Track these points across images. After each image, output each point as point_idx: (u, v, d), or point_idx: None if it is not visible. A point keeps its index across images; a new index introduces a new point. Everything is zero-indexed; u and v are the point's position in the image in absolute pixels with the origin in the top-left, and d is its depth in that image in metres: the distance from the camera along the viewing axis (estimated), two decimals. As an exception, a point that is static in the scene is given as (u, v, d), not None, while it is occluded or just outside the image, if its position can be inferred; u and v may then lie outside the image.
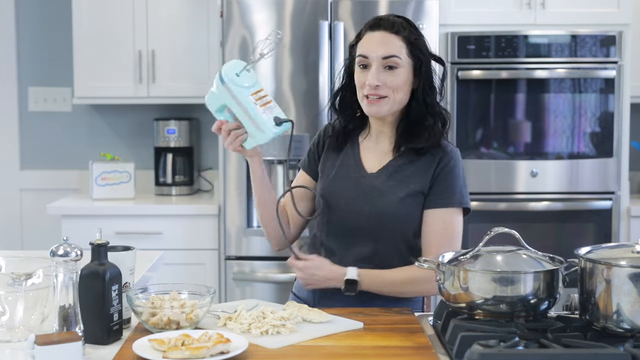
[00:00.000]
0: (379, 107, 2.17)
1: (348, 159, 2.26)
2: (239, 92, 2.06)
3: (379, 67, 2.14)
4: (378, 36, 2.16)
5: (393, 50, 2.15)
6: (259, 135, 2.08)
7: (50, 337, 1.62)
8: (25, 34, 4.59)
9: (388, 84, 2.14)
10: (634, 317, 1.70)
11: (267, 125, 2.06)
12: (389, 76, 2.15)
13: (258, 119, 2.06)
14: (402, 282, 2.16)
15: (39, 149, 4.64)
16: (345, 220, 2.20)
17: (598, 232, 4.00)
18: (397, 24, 2.17)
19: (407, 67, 2.16)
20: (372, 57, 2.15)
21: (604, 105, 3.98)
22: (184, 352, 1.62)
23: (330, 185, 2.25)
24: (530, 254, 1.90)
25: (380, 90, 2.15)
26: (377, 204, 2.17)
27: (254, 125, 2.07)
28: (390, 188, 2.18)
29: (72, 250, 1.71)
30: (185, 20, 4.26)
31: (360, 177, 2.22)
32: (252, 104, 2.06)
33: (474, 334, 1.68)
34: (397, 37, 2.16)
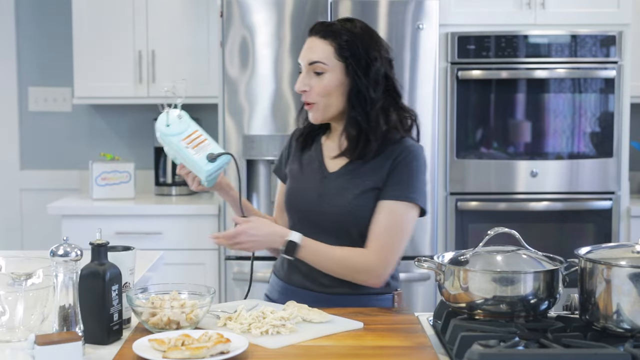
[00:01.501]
0: (313, 114, 2.22)
1: (312, 160, 2.29)
2: (171, 141, 2.18)
3: (309, 73, 2.19)
4: (308, 42, 2.21)
5: (317, 56, 2.17)
6: (200, 174, 2.18)
7: (50, 337, 1.62)
8: (25, 34, 4.59)
9: (315, 90, 2.18)
10: (634, 317, 1.70)
11: (200, 164, 2.16)
12: (316, 81, 2.18)
13: (191, 161, 2.17)
14: (339, 261, 2.13)
15: (39, 149, 4.64)
16: (309, 221, 2.22)
17: (598, 232, 4.00)
18: (329, 27, 2.18)
19: (337, 71, 2.17)
20: (302, 63, 2.21)
21: (604, 105, 3.98)
22: (184, 352, 1.62)
23: (295, 187, 2.28)
24: (530, 254, 1.90)
25: (308, 96, 2.19)
26: (335, 203, 2.18)
27: (192, 166, 2.18)
28: (347, 186, 2.19)
29: (72, 250, 1.71)
30: (185, 20, 4.26)
31: (323, 178, 2.24)
32: (184, 149, 2.17)
33: (474, 334, 1.68)
34: (324, 42, 2.17)
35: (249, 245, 2.12)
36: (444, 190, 3.97)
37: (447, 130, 3.96)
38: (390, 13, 3.81)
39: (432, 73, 3.83)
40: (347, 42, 2.17)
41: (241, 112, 3.84)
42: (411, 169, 2.17)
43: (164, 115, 2.18)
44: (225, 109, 3.84)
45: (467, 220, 3.97)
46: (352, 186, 2.18)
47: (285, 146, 2.39)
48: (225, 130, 3.85)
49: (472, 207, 3.97)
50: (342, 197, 2.18)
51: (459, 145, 3.98)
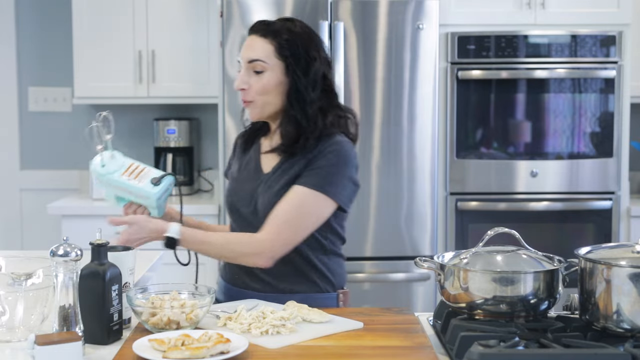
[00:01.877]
0: (251, 111, 2.23)
1: (250, 160, 2.30)
2: (111, 180, 2.16)
3: (248, 71, 2.19)
4: (248, 40, 2.22)
5: (257, 54, 2.18)
6: (149, 202, 2.16)
7: (50, 337, 1.62)
8: (25, 34, 4.59)
9: (253, 88, 2.18)
10: (634, 317, 1.70)
11: (146, 190, 2.14)
12: (255, 79, 2.18)
13: (137, 191, 2.15)
14: (224, 246, 2.14)
15: (39, 149, 4.64)
16: (246, 221, 2.22)
17: (598, 232, 4.00)
18: (269, 26, 2.19)
19: (277, 70, 2.18)
20: (242, 61, 2.21)
21: (604, 105, 3.98)
22: (184, 352, 1.62)
23: (233, 189, 2.30)
24: (530, 254, 1.90)
25: (247, 94, 2.19)
26: (264, 201, 2.19)
27: (139, 197, 2.16)
28: (275, 184, 2.19)
29: (72, 250, 1.71)
30: (185, 20, 4.26)
31: (258, 179, 2.24)
32: (126, 182, 2.15)
33: (474, 334, 1.68)
34: (265, 41, 2.18)
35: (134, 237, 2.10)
36: (444, 190, 3.97)
37: (447, 130, 3.96)
38: (390, 13, 3.81)
39: (432, 73, 3.83)
40: (287, 41, 2.18)
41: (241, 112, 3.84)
42: (329, 161, 2.14)
43: (98, 158, 2.17)
44: (225, 109, 3.84)
45: (467, 220, 3.96)
46: (280, 183, 2.18)
47: (232, 150, 2.41)
48: (225, 130, 3.85)
49: (472, 207, 3.97)
50: (269, 194, 2.18)
51: (459, 145, 3.98)
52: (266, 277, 2.20)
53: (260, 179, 2.23)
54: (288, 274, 2.20)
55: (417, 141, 3.84)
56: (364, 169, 3.82)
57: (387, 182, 3.82)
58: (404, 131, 3.84)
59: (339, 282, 2.27)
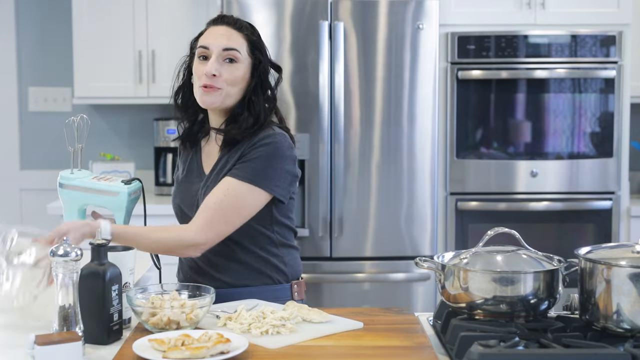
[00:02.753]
0: (213, 97, 2.18)
1: (192, 165, 2.29)
2: (81, 182, 2.16)
3: (219, 58, 2.17)
4: (221, 30, 2.20)
5: (234, 44, 2.18)
6: (119, 201, 2.13)
7: (50, 337, 1.62)
8: (25, 34, 4.59)
9: (225, 76, 2.17)
10: (634, 317, 1.70)
11: (117, 187, 2.13)
12: (227, 69, 2.17)
13: (107, 188, 2.14)
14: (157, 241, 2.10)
15: (39, 149, 4.64)
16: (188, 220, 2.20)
17: (598, 232, 4.00)
18: (240, 22, 2.23)
19: (246, 65, 2.20)
20: (212, 48, 2.17)
21: (604, 105, 3.98)
22: (184, 352, 1.62)
23: (177, 194, 2.30)
24: (530, 254, 1.90)
25: (216, 81, 2.16)
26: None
27: (108, 195, 2.14)
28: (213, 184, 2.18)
29: (72, 250, 1.72)
30: (185, 20, 4.26)
31: (200, 181, 2.24)
32: (97, 183, 2.15)
33: (474, 334, 1.68)
34: (239, 34, 2.20)
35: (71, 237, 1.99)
36: (444, 190, 3.97)
37: (447, 130, 3.96)
38: (390, 13, 3.81)
39: (432, 73, 3.83)
40: (258, 42, 2.23)
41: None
42: (260, 153, 2.15)
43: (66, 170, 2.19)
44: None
45: (467, 220, 3.96)
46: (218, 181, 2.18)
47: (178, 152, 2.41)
48: (225, 130, 3.84)
49: (472, 207, 3.97)
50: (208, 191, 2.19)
51: (459, 145, 3.98)
52: (220, 275, 2.20)
53: (202, 180, 2.24)
54: (241, 271, 2.20)
55: (417, 141, 3.84)
56: (364, 169, 3.83)
57: (387, 182, 3.82)
58: (404, 131, 3.84)
59: (293, 274, 2.26)
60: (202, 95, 2.19)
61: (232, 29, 2.20)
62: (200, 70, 2.18)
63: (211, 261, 2.20)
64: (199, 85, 2.19)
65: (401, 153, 3.83)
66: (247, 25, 2.24)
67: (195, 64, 2.22)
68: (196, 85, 2.21)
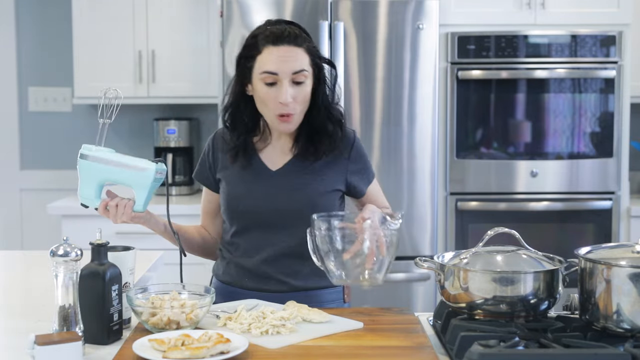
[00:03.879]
0: (291, 124, 2.15)
1: (247, 162, 2.22)
2: (106, 155, 2.08)
3: (290, 83, 2.10)
4: (285, 51, 2.10)
5: (301, 65, 2.11)
6: (143, 177, 2.05)
7: (50, 337, 1.62)
8: (25, 34, 4.59)
9: (297, 100, 2.12)
10: (634, 317, 1.70)
11: (144, 163, 2.05)
12: (298, 91, 2.12)
13: (134, 162, 2.05)
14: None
15: (39, 149, 4.64)
16: (259, 222, 2.18)
17: (598, 232, 4.00)
18: (297, 34, 2.13)
19: (310, 77, 2.15)
20: (281, 75, 2.09)
21: (604, 105, 3.98)
22: (184, 352, 1.62)
23: (238, 190, 2.22)
24: (530, 254, 1.90)
25: (292, 108, 2.11)
26: (294, 198, 2.17)
27: (134, 170, 2.05)
28: (305, 182, 2.18)
29: (72, 250, 1.71)
30: (185, 20, 4.26)
31: (268, 177, 2.20)
32: (122, 157, 2.07)
33: (474, 334, 1.68)
34: (301, 50, 2.12)
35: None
36: (444, 190, 3.97)
37: (447, 130, 3.96)
38: (390, 13, 3.81)
39: (432, 73, 3.83)
40: (314, 47, 2.17)
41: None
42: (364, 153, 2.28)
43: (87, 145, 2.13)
44: (225, 109, 3.84)
45: (467, 220, 3.96)
46: (312, 182, 2.18)
47: (207, 150, 2.30)
48: (225, 130, 3.84)
49: (472, 207, 3.97)
50: (301, 193, 2.17)
51: (459, 145, 3.98)
52: (282, 277, 2.18)
53: (271, 176, 2.20)
54: (303, 271, 2.18)
55: (417, 141, 3.84)
56: (364, 169, 3.82)
57: (387, 182, 3.82)
58: (404, 131, 3.84)
59: None
60: (280, 124, 2.14)
61: (294, 46, 2.11)
62: (270, 97, 2.11)
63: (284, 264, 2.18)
64: (274, 113, 2.13)
65: (401, 153, 3.83)
66: (302, 33, 2.15)
67: (262, 89, 2.12)
68: (268, 111, 2.14)
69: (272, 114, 2.13)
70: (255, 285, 2.20)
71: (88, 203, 2.15)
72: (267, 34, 2.13)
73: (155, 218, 2.20)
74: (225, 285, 2.25)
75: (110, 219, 2.12)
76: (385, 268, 1.94)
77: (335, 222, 1.93)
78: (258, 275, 2.20)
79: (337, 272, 1.93)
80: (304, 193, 2.17)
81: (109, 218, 2.12)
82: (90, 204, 2.14)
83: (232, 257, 2.25)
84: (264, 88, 2.12)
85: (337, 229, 1.92)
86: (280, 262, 2.18)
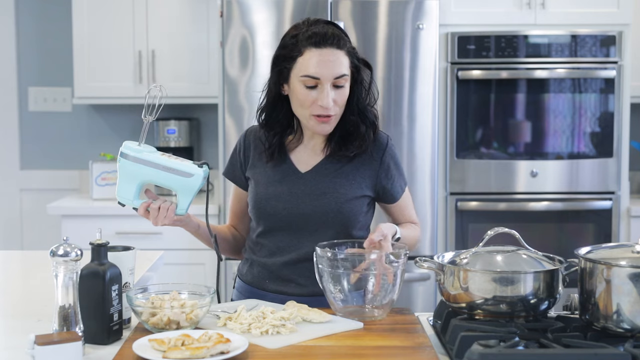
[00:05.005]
0: (329, 126, 2.13)
1: (278, 162, 2.21)
2: (150, 156, 2.01)
3: (331, 87, 2.08)
4: (327, 54, 2.07)
5: (344, 69, 2.08)
6: (191, 183, 2.01)
7: (50, 337, 1.62)
8: (25, 34, 4.59)
9: (337, 102, 2.10)
10: (634, 317, 1.70)
11: (191, 168, 2.01)
12: (338, 94, 2.10)
13: (181, 167, 2.00)
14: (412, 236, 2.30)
15: (39, 149, 4.64)
16: (287, 223, 2.17)
17: (598, 232, 4.00)
18: (339, 37, 2.09)
19: (349, 80, 2.13)
20: (323, 79, 2.07)
21: (604, 105, 3.98)
22: (184, 352, 1.62)
23: (266, 191, 2.19)
24: (530, 254, 1.90)
25: (332, 110, 2.10)
26: (320, 202, 2.15)
27: (181, 175, 2.01)
28: (333, 186, 2.16)
29: (72, 250, 1.71)
30: (185, 20, 4.26)
31: (296, 179, 2.19)
32: (167, 159, 2.01)
33: (474, 334, 1.68)
34: (342, 52, 2.09)
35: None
36: (444, 190, 3.97)
37: (447, 130, 3.96)
38: (390, 13, 3.81)
39: (432, 73, 3.83)
40: (354, 49, 2.13)
41: (241, 112, 3.84)
42: (398, 161, 2.27)
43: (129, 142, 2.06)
44: (225, 109, 3.85)
45: (467, 220, 3.97)
46: (339, 186, 2.16)
47: (238, 148, 2.28)
48: (225, 130, 3.85)
49: (472, 207, 3.97)
50: (327, 197, 2.15)
51: (459, 145, 3.98)
52: (303, 280, 2.16)
53: (300, 178, 2.18)
54: None
55: (417, 141, 3.84)
56: (364, 169, 3.82)
57: (387, 182, 3.82)
58: (404, 131, 3.84)
59: None
60: (317, 125, 2.12)
61: (336, 49, 2.07)
62: (309, 100, 2.08)
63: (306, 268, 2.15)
64: (310, 114, 2.11)
65: (401, 153, 3.83)
66: (342, 35, 2.11)
67: (302, 91, 2.09)
68: (304, 112, 2.11)
69: (310, 114, 2.11)
70: (276, 288, 2.19)
71: (126, 202, 2.07)
72: (309, 35, 2.08)
73: (193, 220, 2.19)
74: (247, 286, 2.25)
75: (150, 220, 2.08)
76: (388, 304, 1.97)
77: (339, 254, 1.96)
78: (279, 277, 2.19)
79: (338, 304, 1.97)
80: (330, 197, 2.15)
81: (148, 219, 2.09)
82: (129, 204, 2.07)
83: (255, 257, 2.24)
84: (303, 90, 2.09)
85: (340, 260, 1.95)
86: (303, 265, 2.16)
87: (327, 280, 1.95)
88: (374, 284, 1.94)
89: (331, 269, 1.94)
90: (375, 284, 1.94)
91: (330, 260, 1.94)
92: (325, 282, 1.96)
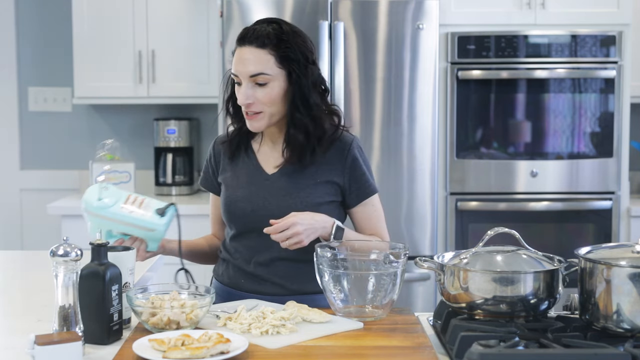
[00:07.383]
0: (257, 122, 2.15)
1: (246, 165, 2.24)
2: (109, 213, 2.01)
3: (249, 84, 2.11)
4: (245, 53, 2.11)
5: (260, 68, 2.10)
6: (154, 235, 2.04)
7: (50, 337, 1.62)
8: (25, 34, 4.59)
9: (260, 100, 2.12)
10: (634, 317, 1.70)
11: (153, 222, 2.02)
12: (260, 92, 2.12)
13: (142, 223, 2.02)
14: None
15: (39, 149, 4.64)
16: (254, 225, 2.17)
17: (598, 232, 4.00)
18: (264, 35, 2.11)
19: (280, 78, 2.13)
20: (240, 76, 2.12)
21: (604, 105, 3.98)
22: (184, 352, 1.62)
23: (235, 194, 2.22)
24: (530, 254, 1.90)
25: (255, 107, 2.12)
26: (287, 204, 2.15)
27: (144, 230, 2.03)
28: (296, 186, 2.17)
29: (72, 250, 1.71)
30: (185, 20, 4.26)
31: (263, 180, 2.21)
32: (128, 214, 2.01)
33: (474, 334, 1.68)
34: (264, 51, 2.10)
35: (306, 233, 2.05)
36: (444, 190, 3.97)
37: (447, 130, 3.96)
38: (390, 13, 3.81)
39: (432, 73, 3.83)
40: (286, 48, 2.12)
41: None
42: (366, 161, 2.25)
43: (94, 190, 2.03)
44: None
45: (467, 220, 3.96)
46: (303, 185, 2.17)
47: (209, 156, 2.32)
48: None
49: (472, 207, 3.97)
50: (292, 197, 2.16)
51: (459, 145, 3.98)
52: (277, 279, 2.18)
53: (267, 180, 2.21)
54: (300, 274, 2.18)
55: (417, 141, 3.84)
56: (364, 169, 3.82)
57: (387, 182, 3.82)
58: (404, 131, 3.84)
59: None
60: (247, 122, 2.17)
61: (255, 47, 2.10)
62: (238, 96, 2.15)
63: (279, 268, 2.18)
64: (243, 110, 2.16)
65: (401, 153, 3.83)
66: (273, 34, 2.12)
67: (236, 88, 2.17)
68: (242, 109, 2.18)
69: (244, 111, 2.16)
70: (252, 288, 2.21)
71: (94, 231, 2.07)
72: (239, 35, 2.16)
73: (168, 247, 2.17)
74: (224, 287, 2.26)
75: None
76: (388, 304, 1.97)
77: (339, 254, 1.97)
78: (254, 277, 2.21)
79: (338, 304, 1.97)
80: (296, 198, 2.17)
81: None
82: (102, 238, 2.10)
83: (231, 259, 2.26)
84: (236, 87, 2.17)
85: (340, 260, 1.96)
86: (276, 265, 2.19)
87: (327, 280, 1.95)
88: (374, 284, 1.94)
89: (331, 269, 1.94)
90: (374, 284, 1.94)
91: (330, 260, 1.94)
92: (325, 282, 1.96)
